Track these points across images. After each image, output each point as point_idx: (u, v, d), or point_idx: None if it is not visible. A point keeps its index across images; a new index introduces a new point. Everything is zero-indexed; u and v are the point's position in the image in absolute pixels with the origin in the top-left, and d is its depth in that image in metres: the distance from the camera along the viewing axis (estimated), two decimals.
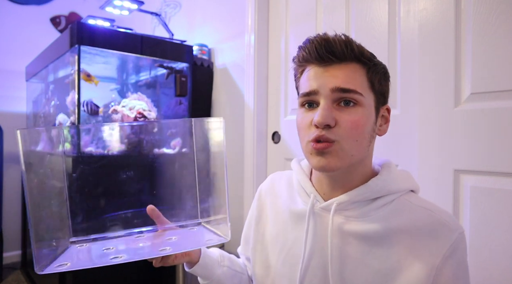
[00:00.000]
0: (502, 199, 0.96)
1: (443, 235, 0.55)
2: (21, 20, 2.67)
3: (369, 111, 0.58)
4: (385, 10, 1.24)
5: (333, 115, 0.55)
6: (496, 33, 0.98)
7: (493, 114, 0.98)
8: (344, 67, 0.57)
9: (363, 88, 0.57)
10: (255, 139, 1.74)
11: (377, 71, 0.59)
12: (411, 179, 0.64)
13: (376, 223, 0.57)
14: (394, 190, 0.60)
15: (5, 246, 2.43)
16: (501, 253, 0.97)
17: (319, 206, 0.62)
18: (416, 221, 0.57)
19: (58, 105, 1.91)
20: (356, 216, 0.59)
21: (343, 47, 0.56)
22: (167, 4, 2.44)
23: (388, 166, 0.63)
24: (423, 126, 1.13)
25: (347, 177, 0.60)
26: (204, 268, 0.72)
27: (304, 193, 0.66)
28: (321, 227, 0.61)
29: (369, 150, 0.60)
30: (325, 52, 0.56)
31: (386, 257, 0.56)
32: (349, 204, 0.60)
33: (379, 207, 0.59)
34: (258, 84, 1.74)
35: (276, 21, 1.72)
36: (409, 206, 0.59)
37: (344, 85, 0.55)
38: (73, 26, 1.60)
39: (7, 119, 2.56)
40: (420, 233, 0.56)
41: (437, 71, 1.10)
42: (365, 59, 0.58)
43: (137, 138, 0.75)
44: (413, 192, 0.64)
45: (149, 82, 2.02)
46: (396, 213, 0.58)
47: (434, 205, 0.60)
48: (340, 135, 0.55)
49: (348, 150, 0.56)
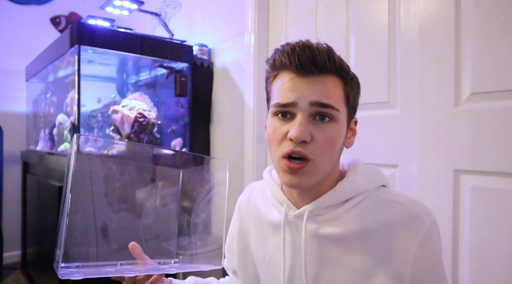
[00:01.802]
0: (502, 199, 0.96)
1: (415, 226, 0.56)
2: (21, 20, 2.67)
3: (342, 126, 0.57)
4: (385, 10, 1.24)
5: (310, 130, 0.54)
6: (496, 33, 0.98)
7: (493, 114, 0.98)
8: (324, 79, 0.55)
9: (339, 103, 0.56)
10: (255, 139, 1.74)
11: (353, 85, 0.59)
12: (380, 174, 0.64)
13: (349, 224, 0.58)
14: (362, 190, 0.60)
15: (5, 246, 2.43)
16: (501, 253, 0.97)
17: (292, 215, 0.62)
18: (388, 217, 0.57)
19: (58, 105, 1.91)
20: (329, 219, 0.59)
21: (326, 58, 0.54)
22: (167, 4, 2.44)
23: (355, 167, 0.63)
24: (423, 126, 1.13)
25: (316, 187, 0.60)
26: None
27: (278, 202, 0.66)
28: (297, 235, 0.62)
29: (337, 162, 0.61)
30: (307, 61, 0.53)
31: (364, 256, 0.57)
32: (320, 209, 0.60)
33: (350, 208, 0.59)
34: (258, 84, 1.74)
35: (276, 21, 1.72)
36: (380, 202, 0.59)
37: (324, 100, 0.54)
38: (73, 26, 1.60)
39: (7, 119, 2.55)
40: (393, 227, 0.57)
41: (437, 71, 1.10)
42: (344, 72, 0.56)
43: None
44: (384, 187, 0.63)
45: (149, 82, 2.02)
46: (368, 212, 0.59)
47: (405, 196, 0.60)
48: (315, 152, 0.54)
49: (321, 167, 0.55)
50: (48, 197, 1.75)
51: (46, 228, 1.81)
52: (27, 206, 2.29)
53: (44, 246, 1.91)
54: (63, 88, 1.83)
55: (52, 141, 1.96)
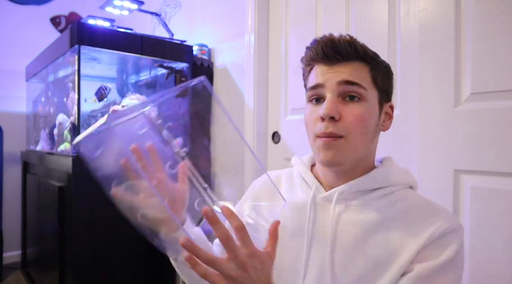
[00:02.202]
0: (502, 199, 0.96)
1: (436, 220, 0.57)
2: (21, 20, 2.67)
3: (373, 106, 0.61)
4: (385, 10, 1.24)
5: (338, 108, 0.58)
6: (496, 33, 0.98)
7: (493, 114, 0.98)
8: (349, 64, 0.60)
9: (367, 83, 0.60)
10: (255, 139, 1.74)
11: (380, 69, 0.62)
12: (411, 175, 0.66)
13: (376, 213, 0.60)
14: (394, 182, 0.62)
15: (5, 246, 2.43)
16: (501, 253, 0.97)
17: (321, 196, 0.64)
18: (412, 210, 0.59)
19: (58, 105, 1.91)
20: (357, 205, 0.61)
21: (347, 47, 0.60)
22: (167, 4, 2.44)
23: (390, 160, 0.67)
24: (423, 126, 1.13)
25: (351, 171, 0.63)
26: None
27: (305, 184, 0.68)
28: (322, 216, 0.63)
29: (372, 145, 0.64)
30: (330, 51, 0.59)
31: (383, 244, 0.58)
32: (350, 193, 0.62)
33: (379, 197, 0.61)
34: (258, 84, 1.74)
35: (276, 21, 1.72)
36: (408, 198, 0.62)
37: (349, 78, 0.58)
38: (73, 26, 1.60)
39: (7, 119, 2.55)
40: (415, 219, 0.58)
41: (437, 71, 1.10)
42: (368, 57, 0.61)
43: None
44: (412, 189, 0.66)
45: (149, 82, 2.02)
46: (395, 204, 0.60)
47: (433, 201, 0.62)
48: (346, 129, 0.58)
49: (353, 143, 0.58)
50: (48, 197, 1.75)
51: (46, 228, 1.81)
52: (27, 206, 2.29)
53: (44, 246, 1.91)
54: (63, 88, 1.83)
55: (52, 141, 1.97)
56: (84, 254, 1.53)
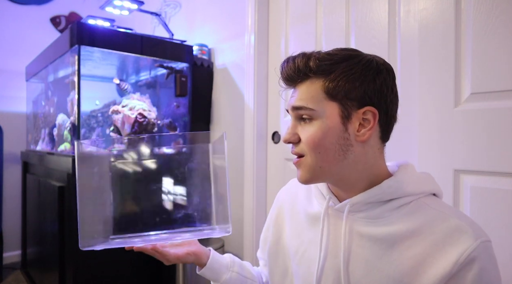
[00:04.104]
0: (502, 199, 0.96)
1: (460, 242, 0.52)
2: (21, 20, 2.67)
3: (328, 122, 0.57)
4: (385, 10, 1.24)
5: (296, 131, 0.61)
6: (496, 33, 0.98)
7: (493, 114, 0.98)
8: (303, 84, 0.60)
9: (317, 101, 0.58)
10: (255, 139, 1.74)
11: (339, 77, 0.57)
12: (432, 182, 0.62)
13: (390, 226, 0.57)
14: (410, 192, 0.58)
15: (5, 246, 2.43)
16: (501, 253, 0.97)
17: (333, 208, 0.63)
18: (431, 226, 0.55)
19: (58, 105, 1.91)
20: (370, 217, 0.59)
21: (302, 65, 0.58)
22: (167, 4, 2.44)
23: (404, 167, 0.62)
24: (423, 126, 1.13)
25: (356, 185, 0.60)
26: (212, 271, 0.75)
27: (321, 195, 0.67)
28: (335, 229, 0.62)
29: (356, 159, 0.59)
30: (290, 73, 0.60)
31: (399, 262, 0.55)
32: (362, 205, 0.60)
33: (394, 209, 0.58)
34: (258, 84, 1.74)
35: (276, 21, 1.72)
36: (426, 209, 0.57)
37: (296, 103, 0.60)
38: (73, 26, 1.60)
39: (7, 119, 2.55)
40: (435, 238, 0.54)
41: (437, 71, 1.10)
42: (322, 72, 0.57)
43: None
44: (434, 196, 0.61)
45: (149, 82, 2.02)
46: (411, 216, 0.56)
47: (455, 210, 0.58)
48: (303, 150, 0.60)
49: (314, 161, 0.59)
50: (48, 197, 1.75)
51: (46, 228, 1.82)
52: (27, 206, 2.29)
53: (44, 246, 1.91)
54: (63, 88, 1.82)
55: (52, 141, 1.96)
56: (84, 254, 1.53)
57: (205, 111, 2.01)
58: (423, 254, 0.54)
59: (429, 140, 1.11)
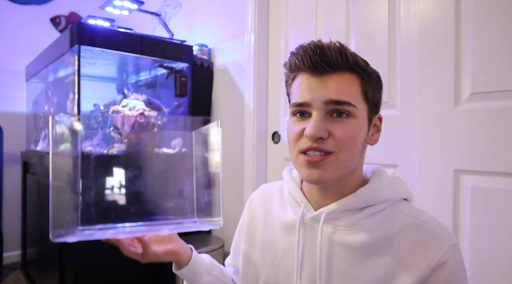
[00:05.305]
0: (502, 199, 0.96)
1: (432, 246, 0.53)
2: (21, 20, 2.66)
3: (362, 122, 0.57)
4: (385, 10, 1.24)
5: (326, 126, 0.54)
6: (496, 33, 0.98)
7: (493, 114, 0.98)
8: (338, 77, 0.55)
9: (357, 99, 0.56)
10: (255, 139, 1.74)
11: (371, 81, 0.58)
12: (404, 187, 0.63)
13: (365, 233, 0.57)
14: (384, 199, 0.58)
15: (5, 246, 2.43)
16: (501, 253, 0.97)
17: (309, 216, 0.61)
18: (405, 232, 0.56)
19: (58, 105, 1.91)
20: (346, 225, 0.58)
21: (338, 56, 0.54)
22: (167, 4, 2.44)
23: (379, 174, 0.62)
24: (423, 126, 1.13)
25: (338, 187, 0.60)
26: (192, 272, 0.70)
27: (295, 202, 0.65)
28: (311, 237, 0.61)
29: (360, 160, 0.60)
30: (319, 61, 0.54)
31: (374, 269, 0.55)
32: (338, 213, 0.59)
33: (368, 216, 0.58)
34: (258, 84, 1.74)
35: (276, 21, 1.72)
36: (399, 215, 0.58)
37: (338, 97, 0.54)
38: (73, 26, 1.60)
39: (7, 119, 2.55)
40: (408, 243, 0.55)
41: (437, 71, 1.10)
42: (359, 68, 0.56)
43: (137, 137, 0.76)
44: (406, 201, 0.62)
45: (149, 82, 2.02)
46: (385, 223, 0.57)
47: (426, 214, 0.59)
48: (336, 146, 0.54)
49: (343, 161, 0.55)
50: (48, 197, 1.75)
51: (46, 228, 1.81)
52: (27, 206, 2.29)
53: (44, 246, 1.91)
54: (63, 88, 1.82)
55: None
56: (84, 254, 1.53)
57: (205, 111, 2.01)
58: (398, 260, 0.54)
59: (429, 140, 1.11)
